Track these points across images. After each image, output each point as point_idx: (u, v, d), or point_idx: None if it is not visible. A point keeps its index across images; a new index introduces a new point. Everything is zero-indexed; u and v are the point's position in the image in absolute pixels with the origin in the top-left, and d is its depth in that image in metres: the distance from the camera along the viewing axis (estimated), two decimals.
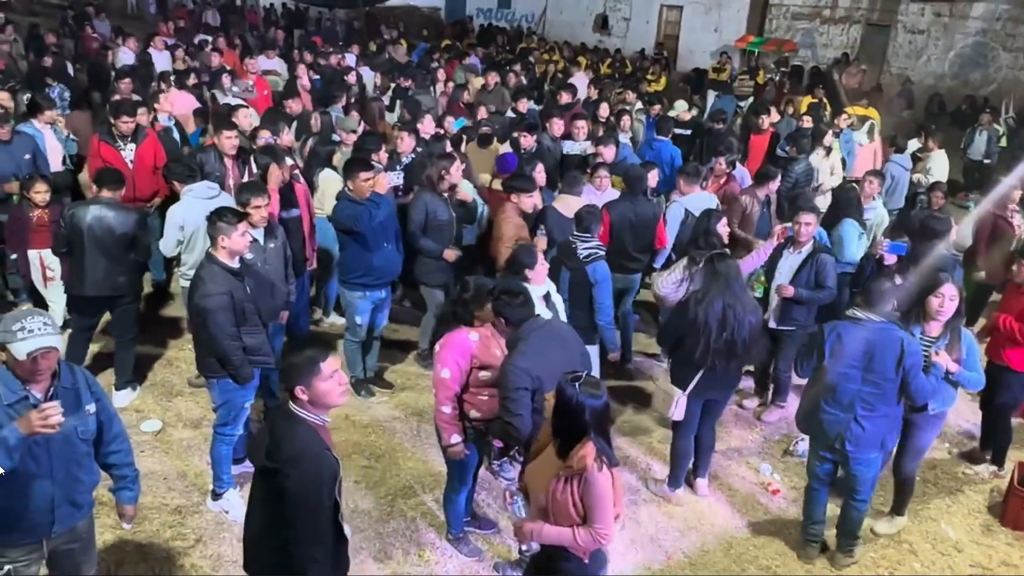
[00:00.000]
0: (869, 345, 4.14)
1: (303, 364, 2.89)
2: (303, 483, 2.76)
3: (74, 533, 3.31)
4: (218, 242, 4.31)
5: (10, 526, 3.08)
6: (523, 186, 5.93)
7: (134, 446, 5.16)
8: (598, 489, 3.02)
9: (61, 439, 3.09)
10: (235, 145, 6.55)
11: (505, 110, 10.01)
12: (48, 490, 3.09)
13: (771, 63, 18.97)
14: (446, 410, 4.07)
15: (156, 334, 6.62)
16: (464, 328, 4.11)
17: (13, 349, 2.91)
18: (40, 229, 6.04)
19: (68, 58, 11.58)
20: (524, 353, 3.79)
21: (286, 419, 2.90)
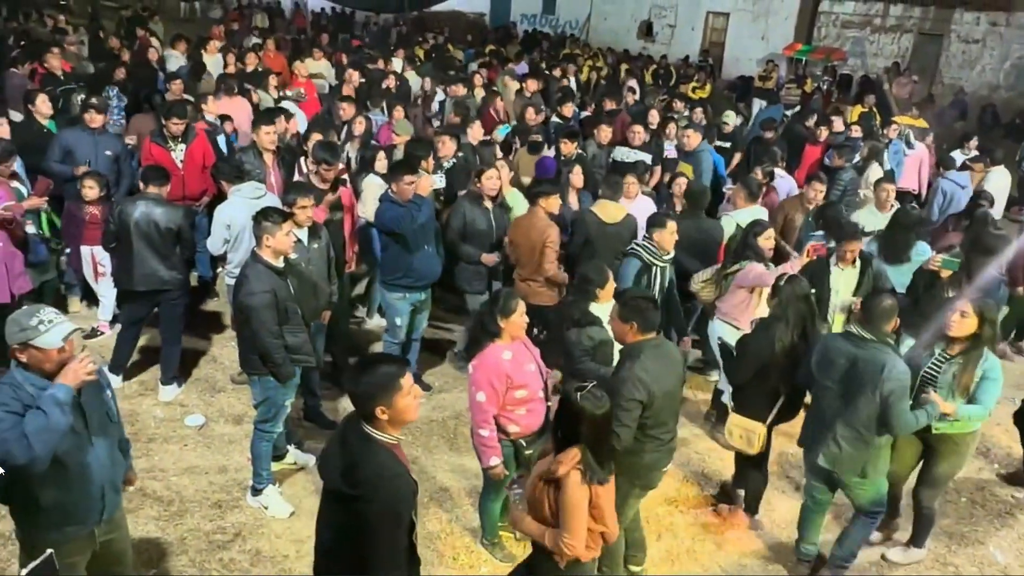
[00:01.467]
0: (852, 363, 3.98)
1: (383, 382, 2.73)
2: (384, 509, 2.67)
3: (113, 521, 3.38)
4: (263, 241, 4.38)
5: (64, 520, 3.11)
6: (545, 190, 5.79)
7: (178, 440, 5.35)
8: (569, 500, 3.06)
9: (99, 423, 3.16)
10: (273, 140, 6.63)
11: (548, 116, 10.01)
12: (97, 477, 3.15)
13: (818, 72, 18.69)
14: (484, 433, 4.05)
15: (201, 331, 6.75)
16: (497, 345, 4.07)
17: (42, 342, 2.92)
18: (92, 226, 6.20)
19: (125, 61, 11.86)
20: (643, 366, 3.75)
21: (362, 441, 2.74)
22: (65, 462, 3.00)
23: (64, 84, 9.29)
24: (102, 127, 6.85)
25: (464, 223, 5.93)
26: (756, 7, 21.54)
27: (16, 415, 2.85)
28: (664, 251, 5.37)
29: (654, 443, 3.89)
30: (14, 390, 2.92)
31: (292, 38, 16.93)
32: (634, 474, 3.92)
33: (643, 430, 3.82)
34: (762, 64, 19.26)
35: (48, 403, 2.85)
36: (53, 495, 3.04)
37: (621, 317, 3.88)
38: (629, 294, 4.04)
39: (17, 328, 2.94)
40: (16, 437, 2.81)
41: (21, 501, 3.09)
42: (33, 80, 9.90)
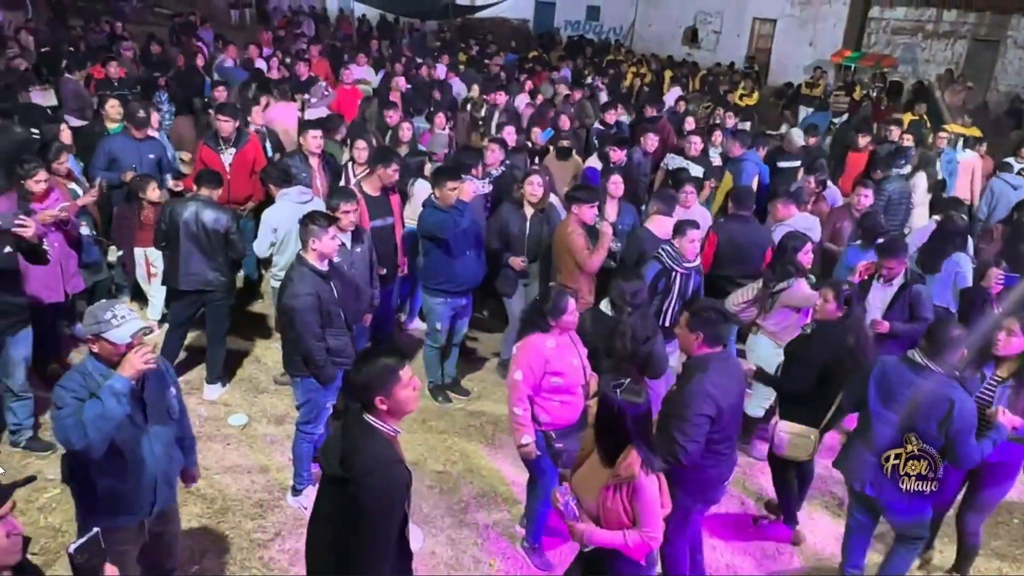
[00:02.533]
0: (916, 394, 3.80)
1: (383, 373, 2.82)
2: (375, 494, 2.73)
3: (165, 515, 3.46)
4: (309, 244, 4.44)
5: (117, 508, 3.21)
6: (584, 197, 5.76)
7: (220, 439, 5.43)
8: (647, 495, 3.06)
9: (158, 420, 3.26)
10: (320, 145, 6.74)
11: (591, 123, 9.99)
12: (151, 469, 3.24)
13: (868, 79, 18.33)
14: (518, 411, 4.13)
15: (245, 332, 6.86)
16: (543, 335, 4.14)
17: (112, 336, 3.04)
18: (146, 228, 6.36)
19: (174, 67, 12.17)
20: (712, 380, 3.69)
21: (361, 429, 2.83)
22: (121, 452, 3.11)
23: (118, 90, 9.55)
24: (143, 135, 7.00)
25: (500, 227, 5.95)
26: (804, 13, 21.23)
27: (80, 402, 2.98)
28: (684, 258, 5.30)
29: (716, 458, 3.80)
30: (84, 377, 3.07)
31: (336, 44, 17.14)
32: (696, 489, 3.84)
33: (708, 446, 3.72)
34: (809, 71, 18.97)
35: (106, 393, 2.97)
36: (108, 483, 3.14)
37: (689, 327, 3.82)
38: (700, 304, 3.97)
39: (92, 320, 3.08)
40: (74, 423, 2.93)
41: (81, 486, 3.21)
42: (88, 86, 10.21)
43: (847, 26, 20.31)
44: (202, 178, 5.80)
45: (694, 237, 5.31)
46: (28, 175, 5.25)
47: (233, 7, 26.07)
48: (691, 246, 5.30)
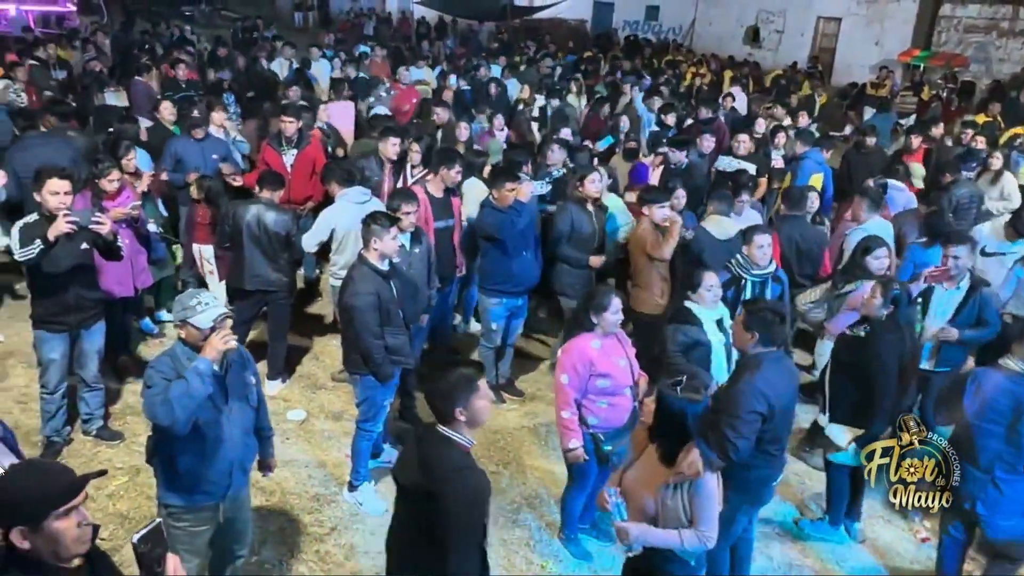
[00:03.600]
0: (1018, 401, 3.68)
1: (463, 384, 2.84)
2: (459, 504, 2.74)
3: (238, 501, 3.59)
4: (371, 244, 4.51)
5: (194, 487, 3.37)
6: (654, 197, 5.75)
7: (280, 433, 5.53)
8: (706, 491, 3.07)
9: (238, 404, 3.41)
10: (397, 152, 6.83)
11: None
12: (228, 453, 3.39)
13: (937, 79, 17.74)
14: (565, 415, 4.12)
15: (305, 329, 6.99)
16: (588, 335, 4.12)
17: (197, 321, 3.24)
18: (201, 225, 6.54)
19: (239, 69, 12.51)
20: (765, 379, 3.69)
21: (437, 441, 2.85)
22: (203, 432, 3.27)
23: (184, 92, 9.86)
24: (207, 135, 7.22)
25: (571, 226, 5.93)
26: (870, 11, 20.66)
27: (168, 382, 3.17)
28: (755, 265, 5.19)
29: (766, 458, 3.80)
30: (172, 360, 3.27)
31: (396, 46, 17.37)
32: (743, 488, 3.82)
33: (758, 444, 3.73)
34: (875, 71, 18.46)
35: (191, 373, 3.15)
36: (189, 461, 3.31)
37: (745, 326, 3.82)
38: (758, 304, 3.97)
39: (180, 307, 3.30)
40: (162, 401, 3.12)
41: (163, 464, 3.38)
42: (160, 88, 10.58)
43: (916, 24, 19.67)
44: (264, 180, 5.94)
45: (763, 243, 5.17)
46: (102, 174, 5.46)
47: (297, 10, 26.64)
48: (759, 252, 5.16)
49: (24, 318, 5.21)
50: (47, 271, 4.58)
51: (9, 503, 2.13)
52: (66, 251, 4.59)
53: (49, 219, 4.47)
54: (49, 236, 4.36)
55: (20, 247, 4.44)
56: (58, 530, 2.14)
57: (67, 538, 2.16)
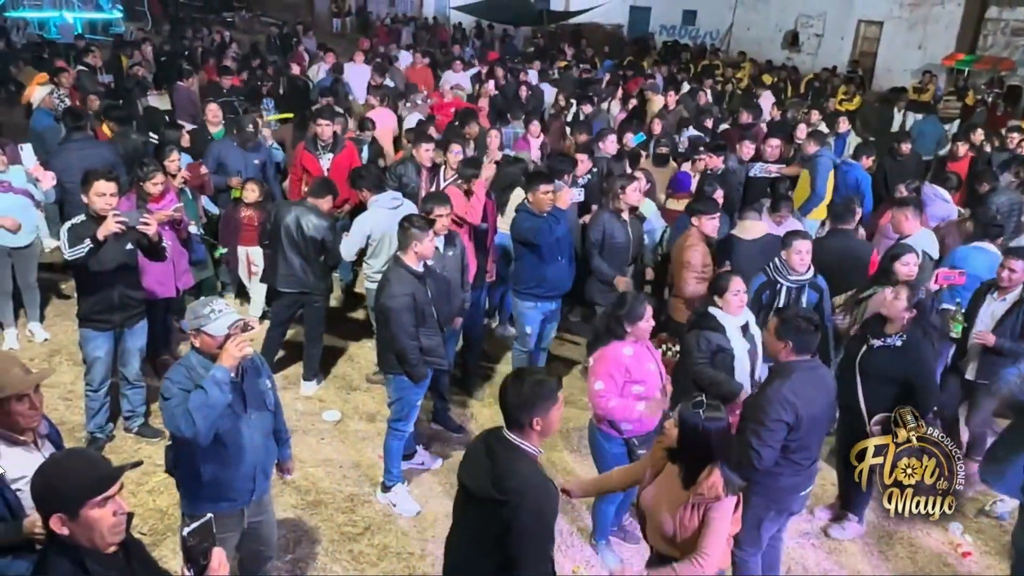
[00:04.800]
0: None
1: (545, 393, 2.81)
2: (534, 514, 2.73)
3: (262, 504, 3.62)
4: (410, 247, 4.55)
5: (219, 495, 3.38)
6: (705, 208, 5.67)
7: (315, 433, 5.62)
8: (720, 514, 3.03)
9: (257, 409, 3.42)
10: (432, 157, 6.91)
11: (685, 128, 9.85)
12: (251, 458, 3.40)
13: (983, 83, 17.35)
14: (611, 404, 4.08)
15: (340, 331, 7.06)
16: (619, 343, 4.11)
17: (211, 329, 3.22)
18: (248, 228, 6.66)
19: (279, 74, 12.71)
20: (793, 387, 3.66)
21: (509, 450, 2.83)
22: (224, 441, 3.28)
23: (224, 96, 10.05)
24: None
25: (604, 236, 5.91)
26: (913, 15, 20.28)
27: (186, 392, 3.16)
28: (792, 270, 5.11)
29: (793, 467, 3.76)
30: (188, 371, 3.25)
31: (432, 51, 17.51)
32: (770, 497, 3.80)
33: (784, 453, 3.70)
34: (918, 75, 18.12)
35: (209, 382, 3.13)
36: (212, 470, 3.32)
37: (776, 334, 3.79)
38: (790, 312, 3.92)
39: (193, 315, 3.29)
40: (182, 412, 3.11)
41: (186, 474, 3.39)
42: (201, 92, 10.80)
43: (960, 28, 19.27)
44: (315, 186, 6.03)
45: (801, 248, 5.08)
46: (147, 177, 5.59)
47: (335, 16, 26.96)
48: (798, 257, 5.08)
49: (70, 317, 5.36)
50: (94, 270, 4.70)
51: (49, 491, 2.23)
52: (113, 251, 4.71)
53: (96, 220, 4.59)
54: (99, 235, 4.48)
55: (69, 247, 4.57)
56: (94, 518, 2.22)
57: (103, 526, 2.24)
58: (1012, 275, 5.03)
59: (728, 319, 4.45)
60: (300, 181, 7.35)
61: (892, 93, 15.61)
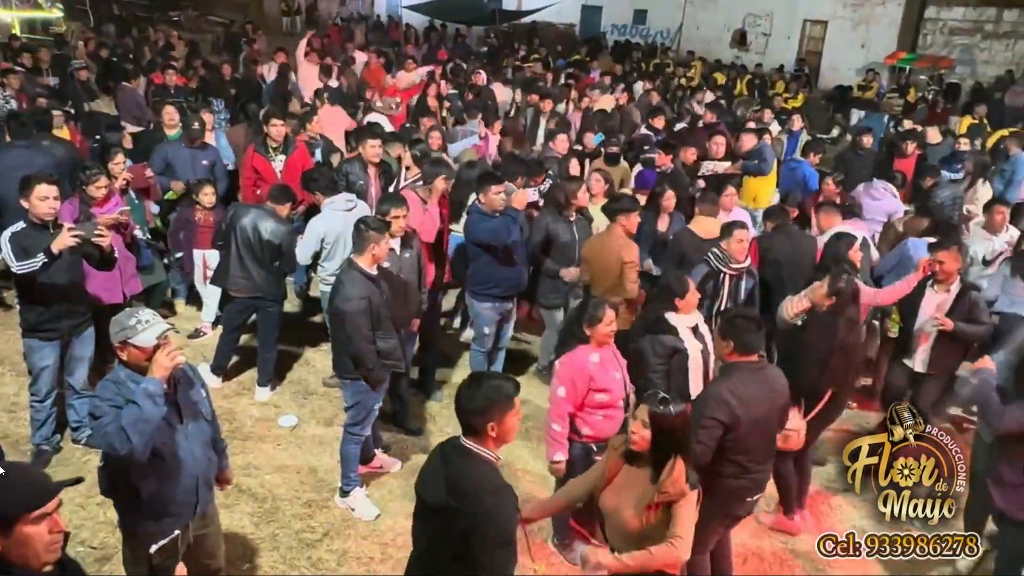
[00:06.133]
0: None
1: (500, 399, 2.79)
2: (491, 519, 2.70)
3: (207, 517, 3.52)
4: (366, 249, 4.50)
5: (162, 511, 3.26)
6: (625, 207, 5.68)
7: (272, 439, 5.53)
8: (690, 510, 3.08)
9: (193, 420, 3.31)
10: (378, 154, 6.84)
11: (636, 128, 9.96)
12: (191, 470, 3.28)
13: (924, 80, 17.89)
14: (556, 427, 4.11)
15: (295, 335, 6.95)
16: (586, 347, 4.11)
17: (139, 340, 3.10)
18: (205, 230, 6.53)
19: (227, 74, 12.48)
20: (732, 387, 3.65)
21: (464, 457, 2.80)
22: (162, 455, 3.16)
23: (173, 97, 9.83)
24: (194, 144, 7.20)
25: (546, 236, 5.93)
26: (856, 15, 20.81)
27: (118, 409, 3.02)
28: (733, 259, 5.22)
29: (736, 468, 3.71)
30: (117, 386, 3.11)
31: (386, 51, 17.39)
32: (716, 500, 3.75)
33: (723, 453, 3.66)
34: (862, 73, 18.60)
35: (141, 396, 3.00)
36: (152, 487, 3.19)
37: (720, 333, 3.80)
38: (732, 312, 3.96)
39: (118, 328, 3.15)
40: (116, 430, 2.98)
41: (124, 494, 3.25)
42: (146, 94, 10.54)
43: (901, 27, 19.84)
44: (274, 193, 5.93)
45: (742, 237, 5.22)
46: (89, 181, 5.43)
47: (285, 15, 26.57)
48: (739, 246, 5.21)
49: (12, 326, 5.20)
50: (41, 281, 4.54)
51: None
52: (66, 264, 4.57)
53: (39, 227, 4.45)
54: (53, 249, 4.33)
55: (16, 260, 4.39)
56: (29, 535, 2.13)
57: (38, 544, 2.15)
58: (942, 266, 5.17)
59: (679, 320, 4.49)
60: (252, 184, 7.23)
61: (837, 91, 16.03)
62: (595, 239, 5.79)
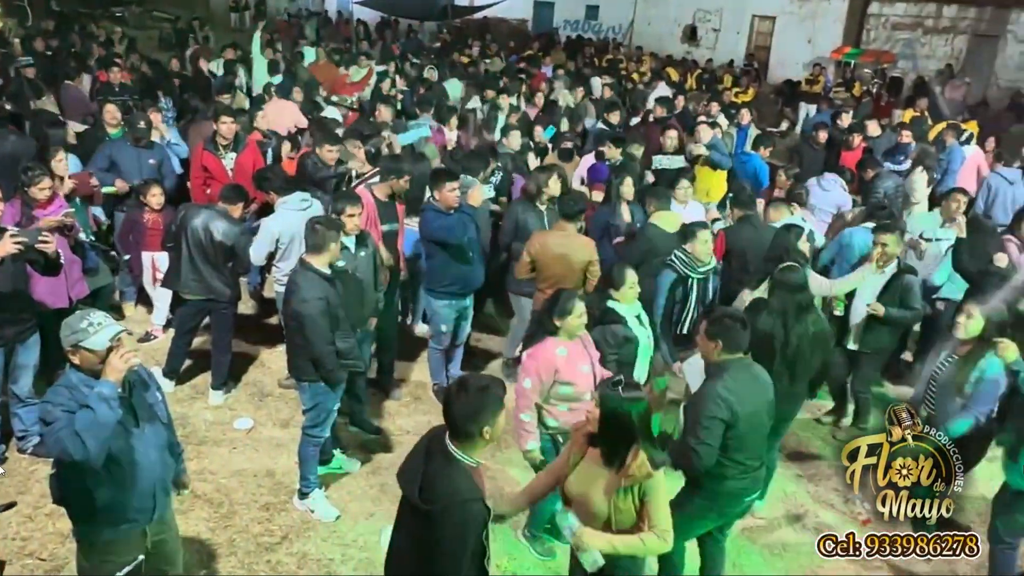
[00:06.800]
0: None
1: (493, 401, 2.80)
2: (451, 529, 2.71)
3: (164, 522, 3.45)
4: (324, 248, 4.46)
5: (118, 518, 3.19)
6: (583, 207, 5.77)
7: (227, 443, 5.45)
8: (660, 492, 3.11)
9: (149, 423, 3.24)
10: (335, 157, 6.78)
11: (591, 124, 10.01)
12: (148, 475, 3.22)
13: (868, 74, 18.34)
14: (525, 418, 4.12)
15: (250, 337, 6.86)
16: (554, 340, 4.12)
17: (91, 343, 3.02)
18: (154, 232, 6.38)
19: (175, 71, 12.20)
20: (726, 385, 3.65)
21: (444, 460, 2.80)
22: (118, 460, 3.09)
23: (118, 95, 9.58)
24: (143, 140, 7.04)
25: (517, 226, 5.93)
26: (803, 10, 21.23)
27: (71, 414, 2.94)
28: (700, 262, 5.25)
29: (737, 468, 3.72)
30: (70, 391, 3.03)
31: (337, 47, 17.17)
32: (713, 500, 3.80)
33: (725, 453, 3.66)
34: (809, 68, 18.98)
35: (95, 400, 2.93)
36: (108, 493, 3.12)
37: (707, 334, 3.78)
38: (718, 312, 3.92)
39: (69, 331, 3.06)
40: (70, 435, 2.90)
41: (78, 501, 3.18)
42: (91, 92, 10.25)
43: (846, 22, 20.30)
44: (225, 192, 5.82)
45: (706, 238, 5.25)
46: (32, 182, 5.26)
47: (233, 10, 26.08)
48: (704, 247, 5.23)
49: None
50: None
51: None
52: (8, 270, 4.44)
53: None
54: None
55: None
56: None
57: None
58: (884, 248, 5.38)
59: (626, 310, 4.55)
60: (202, 183, 7.09)
61: (786, 85, 16.30)
62: (557, 240, 5.58)
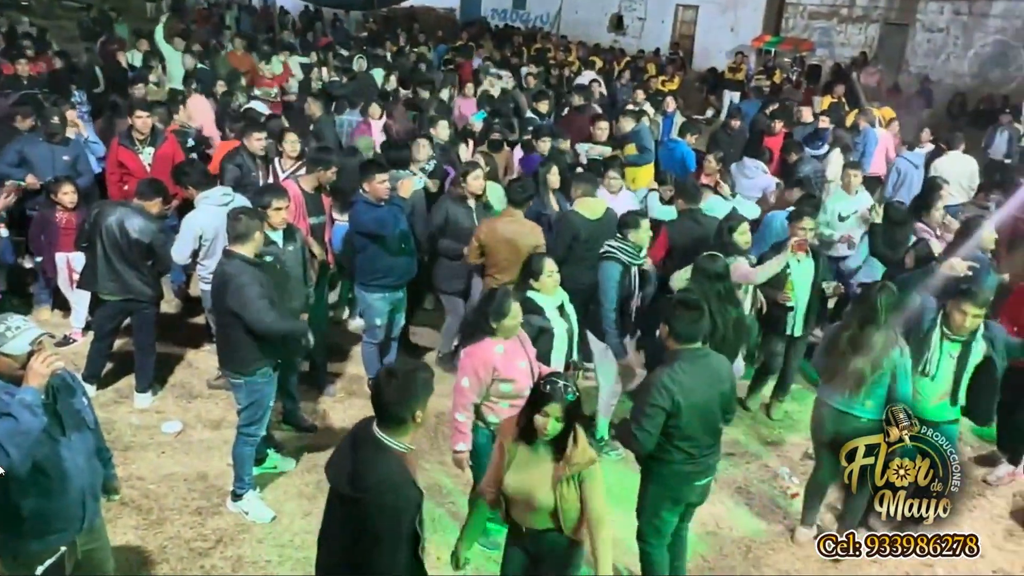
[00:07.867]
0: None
1: (422, 385, 2.82)
2: (385, 515, 2.70)
3: (94, 530, 3.34)
4: (248, 238, 4.37)
5: (46, 528, 3.07)
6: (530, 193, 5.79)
7: (155, 447, 5.29)
8: (594, 479, 3.18)
9: (76, 430, 3.13)
10: (264, 147, 6.64)
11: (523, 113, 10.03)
12: (76, 483, 3.11)
13: (788, 62, 18.88)
14: (460, 418, 4.09)
15: (175, 337, 6.65)
16: (491, 340, 4.07)
17: (9, 348, 2.89)
18: (68, 232, 6.11)
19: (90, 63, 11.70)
20: (672, 375, 3.66)
21: (373, 447, 2.79)
22: (44, 469, 2.98)
23: (27, 89, 9.14)
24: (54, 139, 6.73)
25: (446, 222, 5.90)
26: None
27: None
28: (641, 250, 5.27)
29: (682, 455, 3.74)
30: None
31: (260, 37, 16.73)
32: (663, 484, 3.85)
33: (669, 439, 3.70)
34: (731, 56, 19.41)
35: (17, 407, 2.81)
36: (34, 503, 3.00)
37: (663, 322, 3.80)
38: (674, 299, 3.90)
39: None
40: None
41: (2, 513, 3.03)
42: None
43: (766, 11, 20.85)
44: (141, 188, 5.61)
45: (647, 226, 5.26)
46: None
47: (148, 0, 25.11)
48: (647, 236, 5.25)
49: None
50: None
51: None
52: None
53: None
54: None
55: None
56: None
57: None
58: (804, 233, 5.56)
59: (546, 300, 4.55)
60: (119, 179, 6.83)
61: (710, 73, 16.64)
62: (502, 226, 5.58)
